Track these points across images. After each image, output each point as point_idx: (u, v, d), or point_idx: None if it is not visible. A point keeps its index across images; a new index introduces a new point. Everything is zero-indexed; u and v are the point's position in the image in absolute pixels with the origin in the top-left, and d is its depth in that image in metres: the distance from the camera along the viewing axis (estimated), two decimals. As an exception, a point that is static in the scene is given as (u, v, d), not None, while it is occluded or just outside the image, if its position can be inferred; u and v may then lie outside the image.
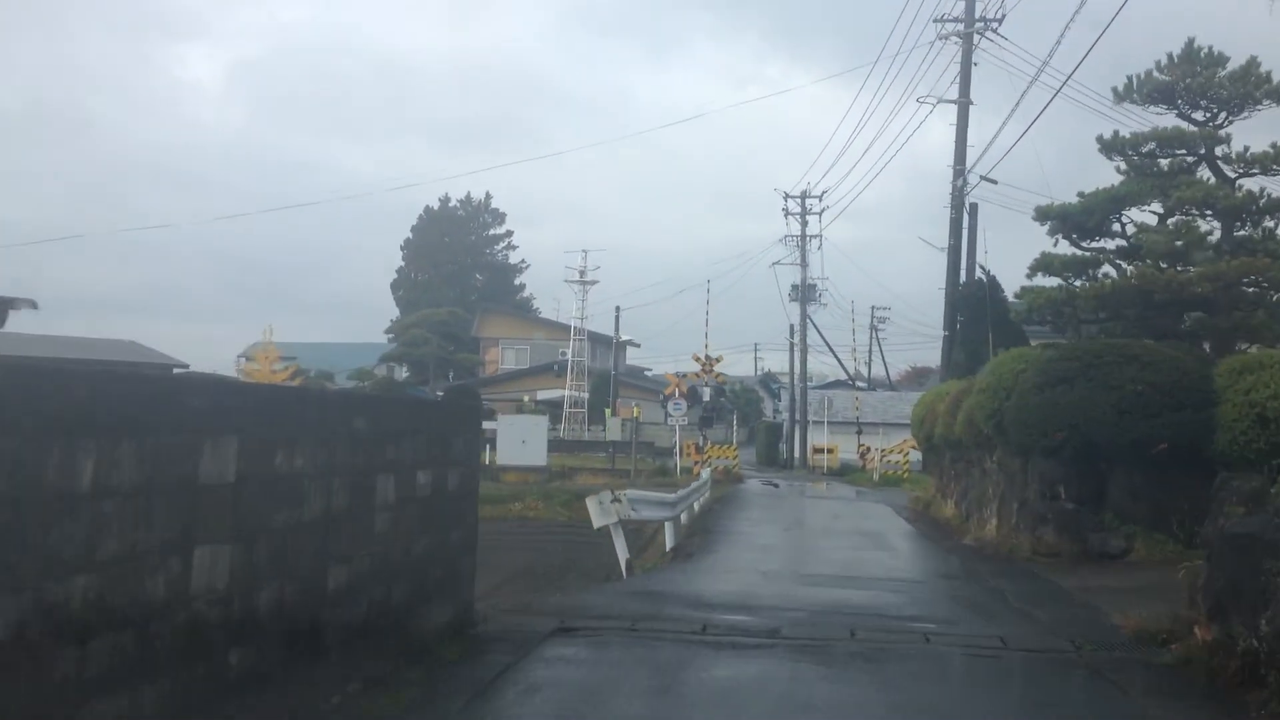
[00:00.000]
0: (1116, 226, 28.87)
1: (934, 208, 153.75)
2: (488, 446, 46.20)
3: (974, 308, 30.71)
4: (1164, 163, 23.48)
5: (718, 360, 44.87)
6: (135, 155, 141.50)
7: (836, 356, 77.19)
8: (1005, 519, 20.08)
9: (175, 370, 68.39)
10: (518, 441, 43.61)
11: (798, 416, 58.09)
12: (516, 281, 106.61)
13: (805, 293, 57.48)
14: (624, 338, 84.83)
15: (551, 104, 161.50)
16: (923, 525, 24.87)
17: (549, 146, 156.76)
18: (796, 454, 57.58)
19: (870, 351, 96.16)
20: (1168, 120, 23.81)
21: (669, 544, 20.04)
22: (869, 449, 51.45)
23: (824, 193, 57.32)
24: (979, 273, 31.55)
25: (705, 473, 35.81)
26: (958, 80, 33.12)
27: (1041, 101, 70.60)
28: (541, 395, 73.11)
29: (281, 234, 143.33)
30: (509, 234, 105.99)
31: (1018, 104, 37.65)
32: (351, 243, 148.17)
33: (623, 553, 16.23)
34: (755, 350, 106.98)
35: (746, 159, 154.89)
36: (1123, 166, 24.18)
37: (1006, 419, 18.46)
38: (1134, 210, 28.47)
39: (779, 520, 25.03)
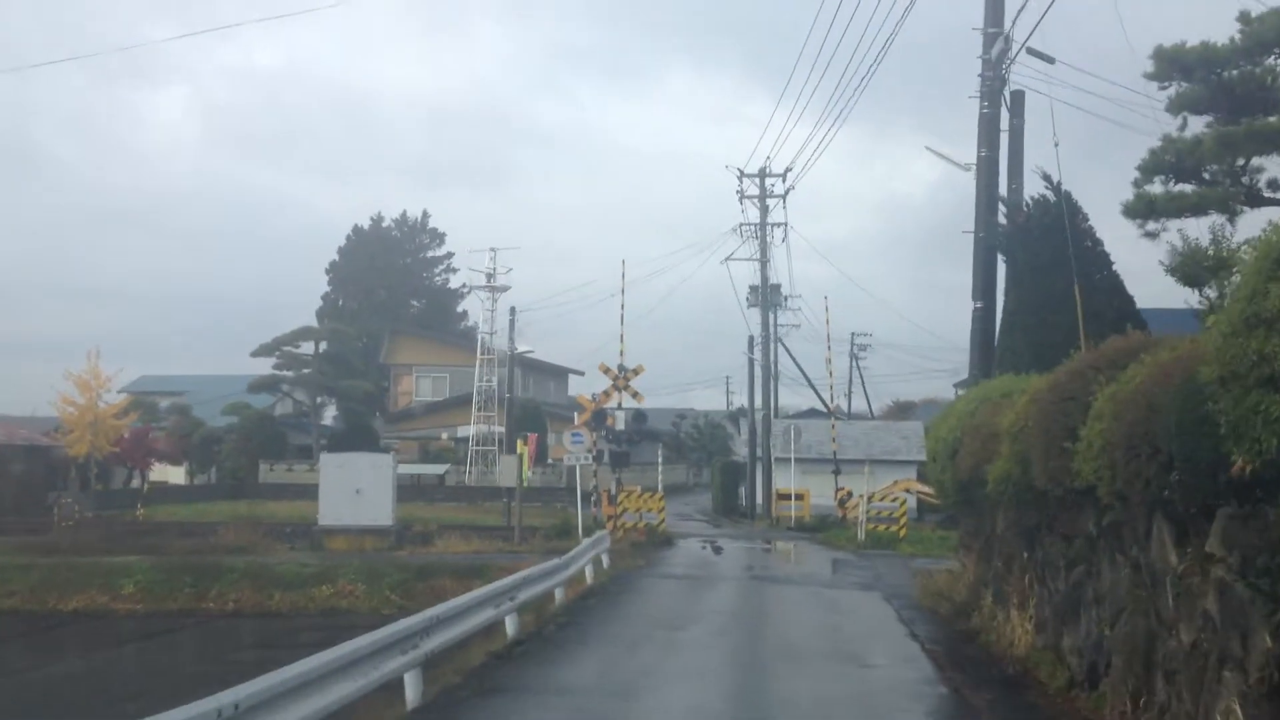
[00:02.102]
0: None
1: (913, 240, 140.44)
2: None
3: (1039, 248, 16.39)
4: None
5: (636, 372, 30.47)
6: (94, 197, 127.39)
7: (811, 384, 62.68)
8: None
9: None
10: (350, 492, 29.14)
11: (759, 452, 43.54)
12: (459, 309, 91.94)
13: (766, 291, 43.07)
14: (563, 364, 70.47)
15: (521, 140, 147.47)
16: (989, 697, 10.36)
17: (520, 185, 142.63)
18: (759, 499, 43.01)
19: (850, 383, 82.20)
20: None
21: None
22: (849, 494, 36.97)
23: (787, 169, 43.25)
24: (1041, 189, 17.16)
25: (589, 541, 21.44)
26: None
27: None
28: (463, 431, 58.66)
29: (229, 267, 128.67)
30: (449, 256, 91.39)
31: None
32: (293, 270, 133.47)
33: None
34: (726, 384, 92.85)
35: (723, 193, 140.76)
36: None
37: None
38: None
39: (653, 695, 10.37)
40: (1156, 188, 15.36)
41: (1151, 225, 15.08)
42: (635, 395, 30.45)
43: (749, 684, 10.66)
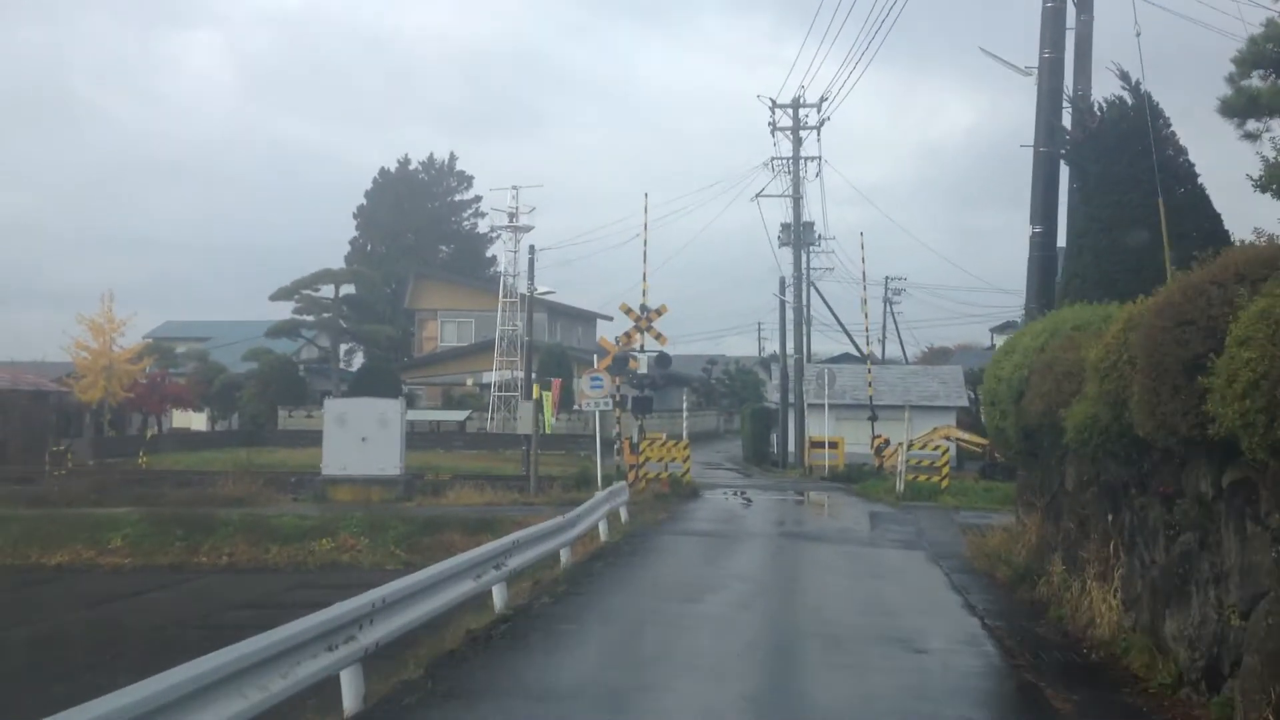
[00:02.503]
0: None
1: (948, 185, 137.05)
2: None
3: (1113, 159, 14.02)
4: None
5: (659, 312, 28.26)
6: (133, 146, 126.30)
7: (844, 328, 60.45)
8: None
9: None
10: (355, 439, 27.29)
11: (791, 397, 41.26)
12: (488, 254, 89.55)
13: (799, 229, 40.58)
14: (591, 309, 68.22)
15: (554, 86, 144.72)
16: (1075, 697, 8.15)
17: (551, 130, 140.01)
18: (791, 447, 40.81)
19: (884, 328, 79.76)
20: None
21: None
22: (886, 441, 34.76)
23: (822, 99, 40.70)
24: (1116, 90, 14.71)
25: (603, 494, 19.39)
26: None
27: None
28: (489, 377, 56.71)
29: (270, 216, 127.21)
30: (477, 200, 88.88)
31: None
32: (325, 216, 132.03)
33: None
34: (758, 330, 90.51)
35: (756, 136, 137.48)
36: None
37: None
38: None
39: (652, 701, 8.20)
40: (1255, 83, 12.95)
41: (1253, 124, 12.69)
42: (658, 336, 28.26)
43: (775, 680, 8.53)
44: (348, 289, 52.15)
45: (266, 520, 24.01)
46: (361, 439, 27.27)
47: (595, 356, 35.96)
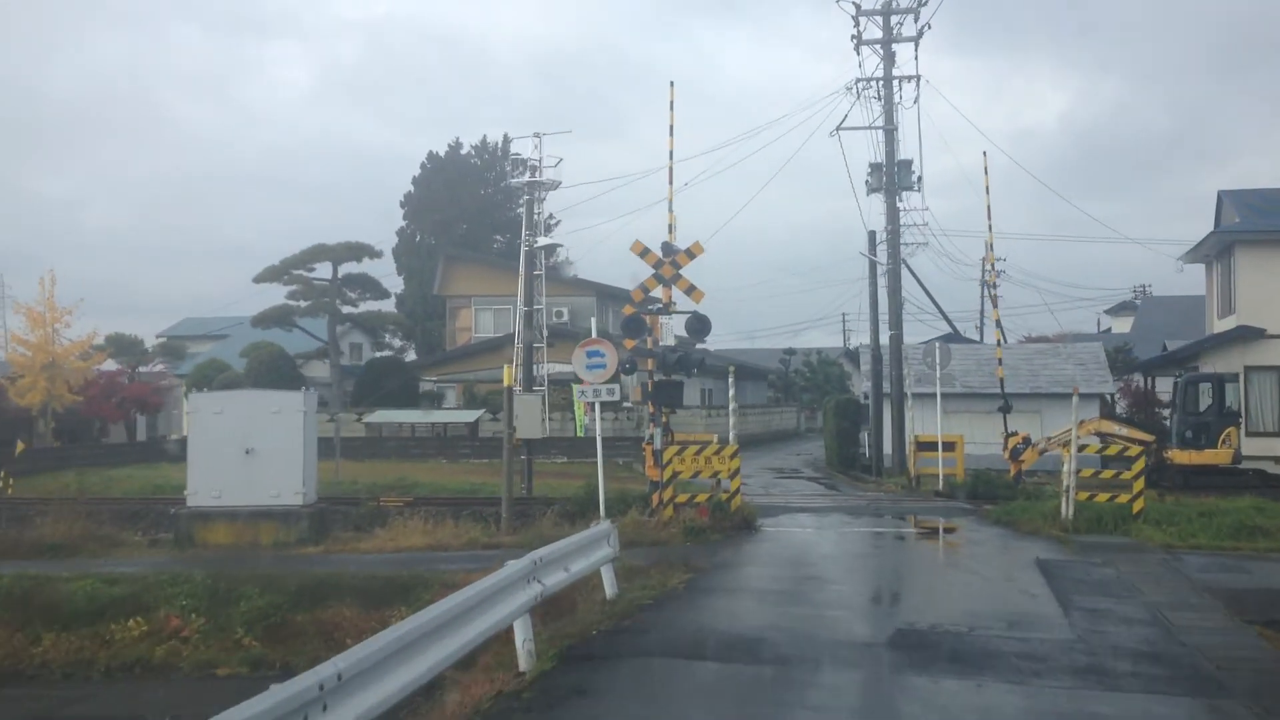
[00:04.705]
0: None
1: (1038, 171, 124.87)
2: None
3: None
4: None
5: (690, 254, 18.20)
6: (211, 153, 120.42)
7: (941, 311, 50.06)
8: None
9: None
10: (235, 452, 17.60)
11: (887, 386, 30.77)
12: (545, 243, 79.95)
13: (892, 168, 30.01)
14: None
15: (632, 84, 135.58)
16: None
17: (630, 129, 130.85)
18: (888, 449, 30.40)
19: (981, 312, 68.90)
20: None
21: None
22: (1026, 440, 24.22)
23: (921, 3, 30.28)
24: None
25: (518, 567, 9.23)
26: None
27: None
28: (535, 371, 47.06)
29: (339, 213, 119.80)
30: (534, 185, 79.34)
31: None
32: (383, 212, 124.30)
33: None
34: (843, 321, 79.87)
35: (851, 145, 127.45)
36: None
37: None
38: None
39: None
40: None
41: None
42: (691, 291, 18.20)
43: None
44: (348, 268, 42.92)
45: (51, 587, 14.53)
46: (245, 451, 17.67)
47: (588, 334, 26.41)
